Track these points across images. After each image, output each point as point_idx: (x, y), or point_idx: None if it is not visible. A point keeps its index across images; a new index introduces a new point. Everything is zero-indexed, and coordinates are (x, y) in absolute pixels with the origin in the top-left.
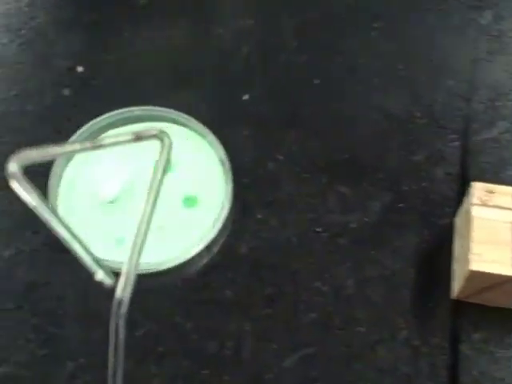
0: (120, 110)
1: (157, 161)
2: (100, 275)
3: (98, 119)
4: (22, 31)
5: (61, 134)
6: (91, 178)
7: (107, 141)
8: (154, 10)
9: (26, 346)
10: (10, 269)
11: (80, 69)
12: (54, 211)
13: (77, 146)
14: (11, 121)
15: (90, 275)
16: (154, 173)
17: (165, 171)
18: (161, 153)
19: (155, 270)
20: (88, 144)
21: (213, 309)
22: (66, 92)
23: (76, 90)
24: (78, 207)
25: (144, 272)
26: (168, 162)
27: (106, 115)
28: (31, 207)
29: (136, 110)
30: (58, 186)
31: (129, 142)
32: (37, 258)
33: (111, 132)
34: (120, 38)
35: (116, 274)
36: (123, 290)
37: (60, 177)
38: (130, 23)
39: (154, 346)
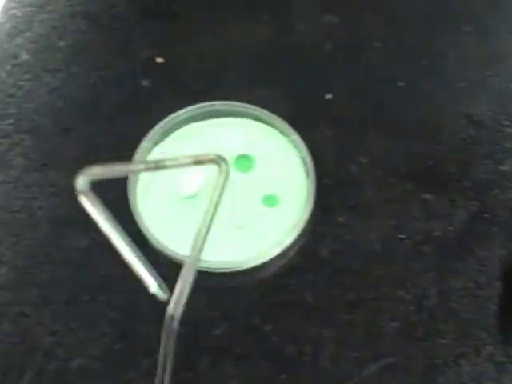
0: (201, 104)
1: (213, 186)
2: (154, 289)
3: (179, 113)
4: (101, 19)
5: (138, 126)
6: (170, 172)
7: (169, 163)
8: (236, 3)
9: (102, 340)
10: (85, 260)
11: (159, 60)
12: (117, 227)
13: (141, 166)
14: (88, 110)
15: (168, 270)
16: (211, 199)
17: (221, 197)
18: (218, 178)
19: (234, 270)
20: (152, 164)
21: (291, 312)
22: (145, 83)
23: (155, 81)
24: (157, 201)
25: (223, 271)
26: (225, 187)
27: (186, 109)
28: (96, 221)
29: (217, 105)
30: (136, 183)
31: (189, 164)
32: (112, 250)
33: (193, 125)
34: (200, 30)
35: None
36: (176, 306)
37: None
38: (211, 15)
39: (231, 347)
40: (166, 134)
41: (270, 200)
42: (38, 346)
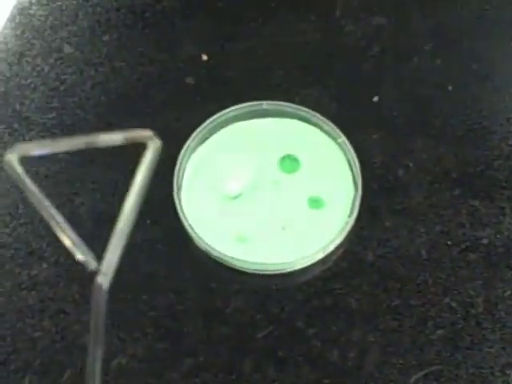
0: (248, 103)
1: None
2: (81, 257)
3: (225, 111)
4: (146, 14)
5: (182, 123)
6: (215, 171)
7: (101, 139)
8: (284, 2)
9: (143, 339)
10: (127, 258)
11: (204, 57)
12: (44, 200)
13: (72, 144)
14: (132, 106)
15: (212, 270)
16: (138, 171)
17: (148, 172)
18: (146, 154)
19: (278, 272)
20: (83, 142)
21: (336, 316)
22: (190, 80)
23: (200, 79)
24: (200, 200)
25: (268, 273)
26: (153, 164)
27: (233, 108)
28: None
29: (264, 104)
30: (182, 177)
31: (121, 142)
32: (156, 248)
33: (239, 124)
34: (247, 28)
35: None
36: (105, 275)
37: (184, 168)
38: (258, 14)
39: (274, 350)
40: (211, 132)
41: (315, 202)
42: (78, 344)
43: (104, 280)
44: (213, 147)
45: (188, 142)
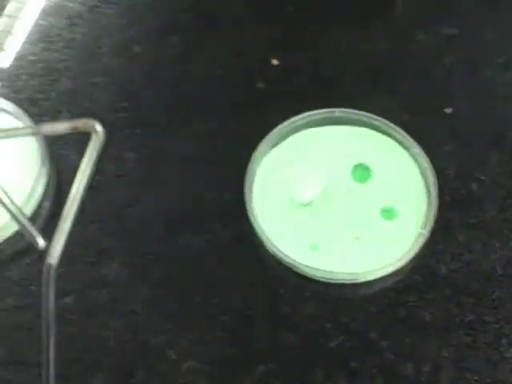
0: (320, 110)
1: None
2: (31, 237)
3: (298, 117)
4: (217, 17)
5: (252, 127)
6: (286, 176)
7: (45, 129)
8: (355, 10)
9: (214, 343)
10: (197, 261)
11: (275, 62)
12: None
13: (19, 131)
14: (202, 108)
15: (281, 275)
16: (83, 160)
17: (92, 161)
18: (90, 142)
19: (350, 281)
20: (29, 130)
21: (409, 329)
22: (260, 85)
23: (270, 84)
24: (271, 205)
25: (339, 282)
26: (97, 153)
27: (305, 114)
28: None
29: (337, 112)
30: (253, 181)
31: (66, 130)
32: (225, 252)
33: (310, 130)
34: (318, 33)
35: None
36: (53, 255)
37: (255, 171)
38: (330, 20)
39: (347, 361)
40: (283, 137)
41: (388, 213)
42: (149, 345)
43: (53, 261)
44: (284, 152)
45: (260, 146)
